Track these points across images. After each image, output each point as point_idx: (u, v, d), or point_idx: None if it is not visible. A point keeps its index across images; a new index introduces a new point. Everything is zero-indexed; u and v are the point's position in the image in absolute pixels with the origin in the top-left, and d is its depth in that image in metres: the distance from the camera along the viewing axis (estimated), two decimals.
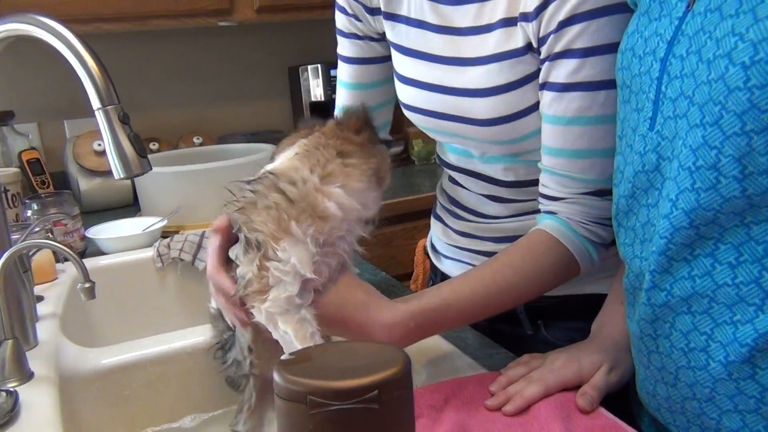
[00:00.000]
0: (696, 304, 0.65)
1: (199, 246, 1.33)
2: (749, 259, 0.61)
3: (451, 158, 1.01)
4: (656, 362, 0.71)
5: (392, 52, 0.99)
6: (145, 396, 0.94)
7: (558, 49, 0.78)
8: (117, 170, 0.75)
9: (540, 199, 0.87)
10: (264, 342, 0.78)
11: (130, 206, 1.89)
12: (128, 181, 1.84)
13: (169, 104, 2.23)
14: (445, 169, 1.06)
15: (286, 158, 0.75)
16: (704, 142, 0.60)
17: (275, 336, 0.71)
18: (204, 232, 1.34)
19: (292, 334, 0.68)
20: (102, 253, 1.37)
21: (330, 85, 2.27)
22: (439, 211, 1.11)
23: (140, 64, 2.17)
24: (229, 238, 0.75)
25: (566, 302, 0.89)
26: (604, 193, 0.82)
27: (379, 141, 0.78)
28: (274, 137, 2.00)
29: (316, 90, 2.29)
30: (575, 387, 0.75)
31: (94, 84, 0.75)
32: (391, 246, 1.79)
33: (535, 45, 0.81)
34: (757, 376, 0.62)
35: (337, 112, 1.05)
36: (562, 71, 0.79)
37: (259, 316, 0.70)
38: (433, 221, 1.13)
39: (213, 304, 0.81)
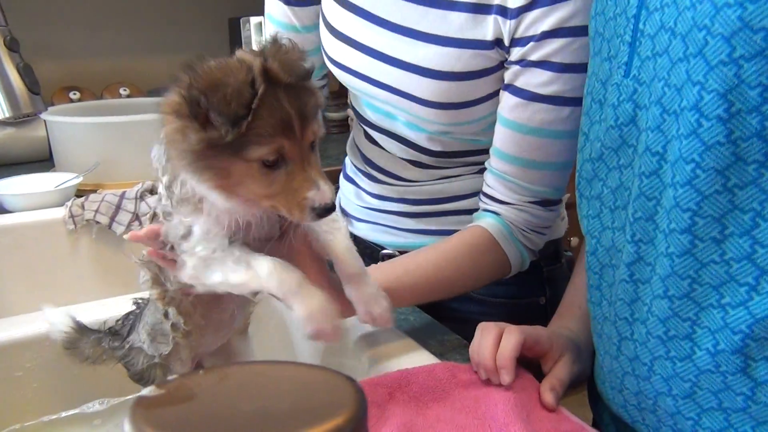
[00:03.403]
0: (674, 287, 0.57)
1: (118, 208, 1.19)
2: (736, 232, 0.53)
3: (370, 116, 0.93)
4: (628, 351, 0.64)
5: None
6: (40, 378, 0.82)
7: (535, 57, 0.74)
8: (2, 108, 0.61)
9: (483, 198, 0.83)
10: (192, 310, 0.67)
11: (47, 161, 1.71)
12: (44, 133, 1.66)
13: (95, 51, 2.06)
14: (361, 124, 0.97)
15: None
16: (687, 77, 0.52)
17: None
18: (124, 193, 1.21)
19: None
20: (6, 212, 1.22)
21: None
22: (350, 172, 1.03)
23: (65, 5, 1.98)
24: None
25: None
26: (550, 204, 0.83)
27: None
28: None
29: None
30: (539, 357, 0.70)
31: None
32: None
33: (506, 43, 0.75)
34: (749, 369, 0.55)
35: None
36: (533, 80, 0.75)
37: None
38: (343, 183, 1.06)
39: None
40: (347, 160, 1.05)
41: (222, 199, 0.57)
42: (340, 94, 2.00)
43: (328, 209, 0.56)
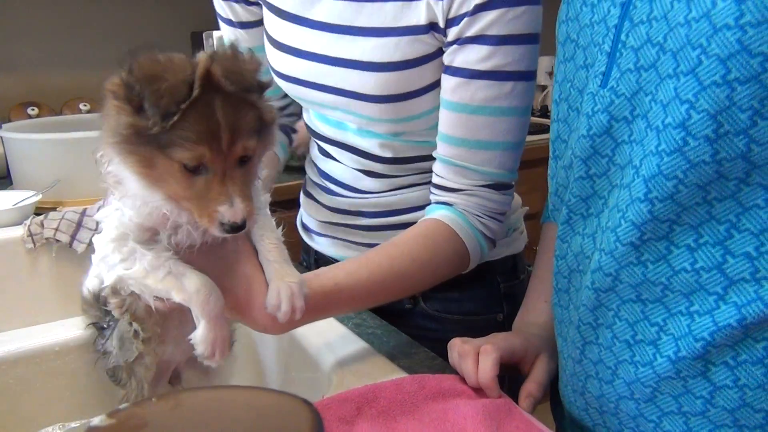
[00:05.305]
0: (647, 292, 0.58)
1: (79, 225, 1.17)
2: (710, 241, 0.54)
3: (322, 129, 0.94)
4: (592, 355, 0.64)
5: (265, 12, 0.90)
6: None
7: (471, 33, 0.75)
8: None
9: (433, 190, 0.83)
10: (146, 315, 0.67)
11: (4, 179, 1.67)
12: (0, 150, 1.62)
13: (54, 65, 2.02)
14: (315, 140, 0.98)
15: None
16: (675, 95, 0.53)
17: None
18: (85, 210, 1.18)
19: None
20: None
21: None
22: (309, 187, 1.03)
23: (20, 16, 1.94)
24: None
25: None
26: (503, 187, 0.82)
27: None
28: None
29: None
30: (516, 365, 0.71)
31: None
32: None
33: (441, 25, 0.76)
34: (709, 373, 0.56)
35: None
36: (471, 57, 0.75)
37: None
38: (303, 198, 1.06)
39: (88, 285, 0.71)
40: (306, 176, 1.05)
41: (142, 186, 0.58)
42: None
43: (236, 227, 0.57)
